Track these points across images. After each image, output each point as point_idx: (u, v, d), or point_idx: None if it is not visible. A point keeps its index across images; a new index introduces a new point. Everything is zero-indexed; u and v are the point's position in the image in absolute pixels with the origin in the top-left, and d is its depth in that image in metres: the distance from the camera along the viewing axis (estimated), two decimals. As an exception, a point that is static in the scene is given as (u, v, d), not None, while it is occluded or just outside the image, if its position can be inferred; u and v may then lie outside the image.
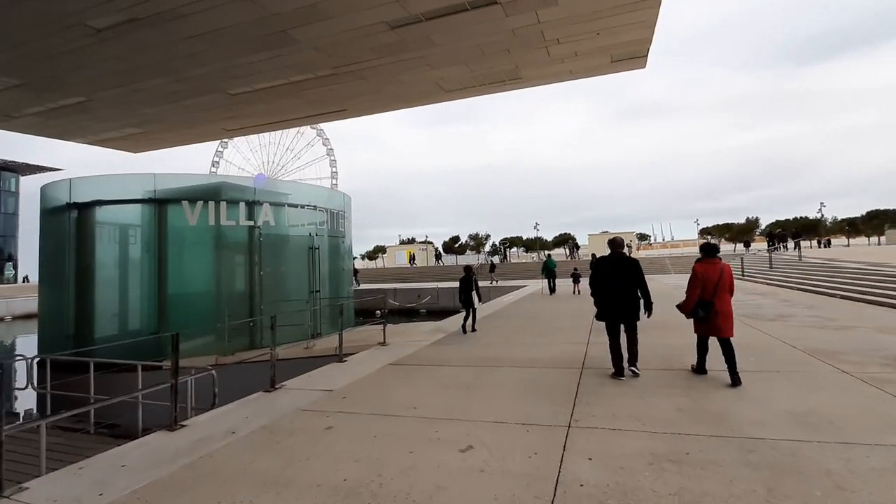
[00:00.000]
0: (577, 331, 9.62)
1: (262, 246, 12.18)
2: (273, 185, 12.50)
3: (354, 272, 37.47)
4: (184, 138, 20.73)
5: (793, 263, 20.52)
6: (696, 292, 5.80)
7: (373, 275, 42.37)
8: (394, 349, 8.45)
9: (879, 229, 38.95)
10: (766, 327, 9.09)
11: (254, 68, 15.87)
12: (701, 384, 5.63)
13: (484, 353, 7.98)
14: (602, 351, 7.66)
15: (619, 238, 6.86)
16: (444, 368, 6.93)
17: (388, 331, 9.73)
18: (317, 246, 13.76)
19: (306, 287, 13.32)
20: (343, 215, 15.63)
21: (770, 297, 13.87)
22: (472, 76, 17.85)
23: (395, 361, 7.48)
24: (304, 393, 5.96)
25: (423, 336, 9.61)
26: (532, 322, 11.29)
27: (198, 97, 17.64)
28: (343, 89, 17.83)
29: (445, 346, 8.61)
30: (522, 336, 9.34)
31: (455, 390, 5.79)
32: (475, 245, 57.67)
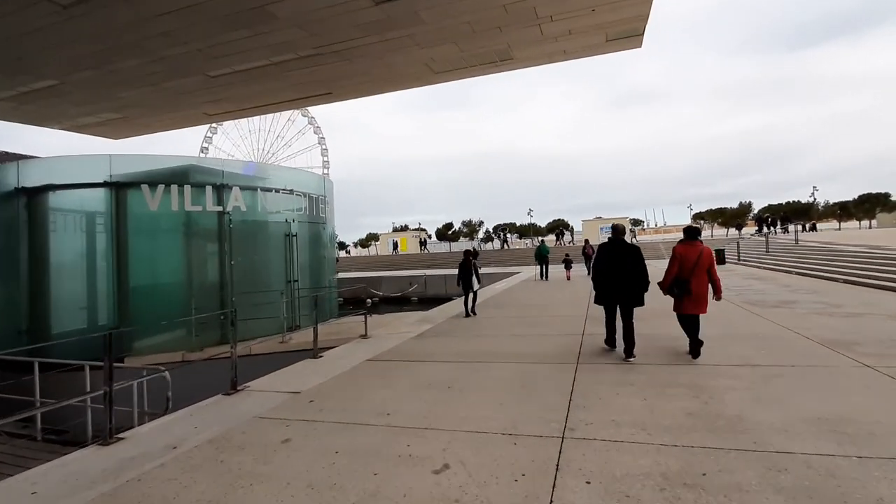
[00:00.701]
0: (572, 320, 8.93)
1: (232, 233, 11.11)
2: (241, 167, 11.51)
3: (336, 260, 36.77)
4: (165, 123, 19.76)
5: (789, 247, 19.90)
6: (673, 271, 5.97)
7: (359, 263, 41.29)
8: (375, 343, 7.73)
9: (871, 213, 38.45)
10: (771, 315, 8.43)
11: (233, 48, 14.90)
12: (709, 381, 4.94)
13: (471, 346, 7.28)
14: (598, 341, 7.00)
15: (621, 225, 6.72)
16: (426, 365, 6.22)
17: (373, 322, 9.02)
18: (294, 233, 12.69)
19: (283, 277, 12.31)
20: (324, 200, 14.59)
21: (770, 282, 13.26)
22: (463, 56, 16.93)
23: (374, 357, 6.76)
24: (268, 396, 5.23)
25: (408, 327, 8.90)
26: (524, 311, 10.63)
27: (177, 79, 16.66)
28: (328, 71, 16.88)
29: (431, 339, 7.90)
30: (513, 327, 8.66)
31: (436, 391, 5.08)
32: (468, 232, 56.70)
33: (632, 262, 6.07)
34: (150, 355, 8.69)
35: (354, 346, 7.58)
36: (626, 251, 6.16)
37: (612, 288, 6.16)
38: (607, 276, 6.19)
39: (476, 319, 9.67)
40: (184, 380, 6.52)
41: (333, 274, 15.42)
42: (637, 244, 34.97)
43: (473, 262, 10.57)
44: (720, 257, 21.08)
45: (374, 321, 10.54)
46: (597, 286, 6.40)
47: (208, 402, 5.15)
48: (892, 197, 37.91)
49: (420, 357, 6.66)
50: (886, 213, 37.83)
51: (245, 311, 9.32)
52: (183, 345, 9.41)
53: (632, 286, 6.04)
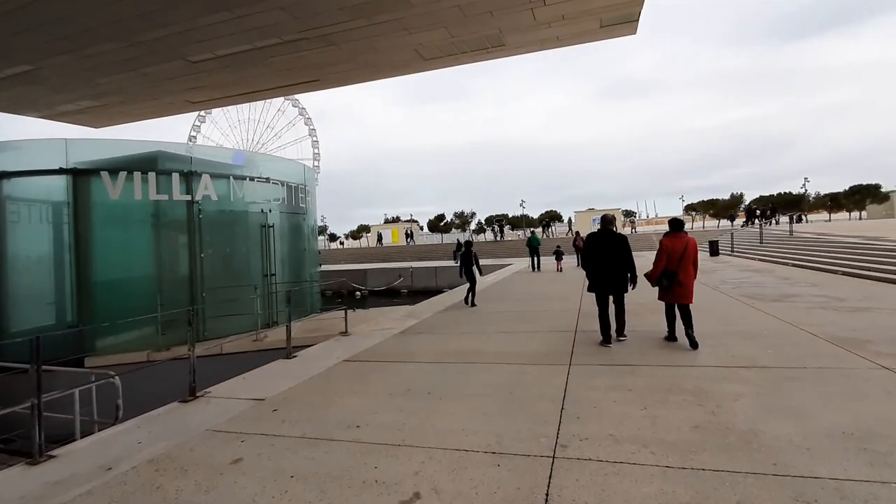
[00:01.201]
0: (564, 315, 8.41)
1: (201, 224, 10.18)
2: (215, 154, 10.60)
3: None
4: (147, 111, 18.96)
5: (784, 238, 19.49)
6: (661, 263, 6.05)
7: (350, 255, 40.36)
8: (354, 340, 7.17)
9: (861, 204, 38.19)
10: (772, 309, 7.94)
11: (214, 31, 14.14)
12: (715, 385, 4.43)
13: (457, 344, 6.74)
14: (592, 338, 6.48)
15: (611, 215, 6.88)
16: (406, 366, 5.67)
17: (356, 317, 8.46)
18: (271, 224, 11.77)
19: (258, 270, 11.37)
20: (304, 190, 13.67)
21: (767, 275, 12.80)
22: (453, 42, 16.24)
23: (351, 357, 6.20)
24: (228, 404, 4.67)
25: (392, 323, 8.34)
26: (514, 305, 10.13)
27: (157, 64, 15.87)
28: (314, 57, 16.15)
29: (415, 336, 7.35)
30: (503, 322, 8.13)
31: (414, 398, 4.54)
32: (460, 223, 55.83)
33: (619, 250, 6.20)
34: (114, 355, 8.08)
35: (332, 344, 7.01)
36: (614, 240, 6.27)
37: (603, 276, 6.28)
38: (597, 265, 6.34)
39: (464, 314, 9.15)
40: (146, 383, 5.94)
41: (316, 267, 14.71)
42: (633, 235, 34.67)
43: (474, 252, 10.75)
44: (713, 248, 20.67)
45: (358, 316, 10.00)
46: (588, 275, 6.53)
47: (161, 410, 4.58)
48: (883, 188, 37.71)
49: (401, 357, 6.11)
50: (877, 205, 37.63)
51: (217, 308, 8.69)
52: (149, 344, 8.67)
53: (620, 274, 6.19)
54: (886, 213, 36.78)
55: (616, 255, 6.19)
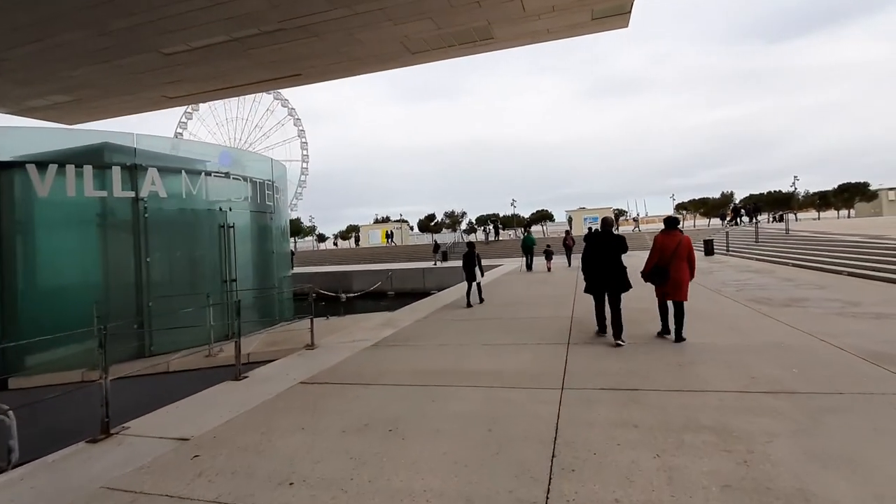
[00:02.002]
0: (555, 324, 7.49)
1: (147, 224, 8.79)
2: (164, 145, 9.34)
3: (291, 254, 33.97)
4: (124, 107, 17.86)
5: (779, 237, 18.69)
6: (653, 259, 6.02)
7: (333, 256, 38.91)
8: (318, 356, 6.21)
9: (849, 202, 37.59)
10: (784, 316, 7.05)
11: (187, 20, 13.10)
12: (740, 420, 3.53)
13: (433, 360, 5.80)
14: (587, 352, 5.57)
15: (609, 217, 6.90)
16: (371, 391, 4.73)
17: (329, 326, 7.51)
18: (231, 224, 10.30)
19: (216, 276, 9.90)
20: (273, 186, 12.23)
21: (768, 275, 11.94)
22: (440, 35, 15.28)
23: (310, 378, 5.24)
24: (144, 445, 3.71)
25: (365, 333, 7.39)
26: (500, 312, 9.17)
27: (129, 56, 14.79)
28: (295, 49, 15.13)
29: (387, 350, 6.40)
30: (487, 332, 7.20)
31: (371, 438, 3.60)
32: (451, 223, 54.56)
33: (617, 251, 6.09)
34: (44, 375, 7.01)
35: (292, 361, 6.05)
36: (612, 241, 6.15)
37: (600, 277, 6.18)
38: (595, 266, 6.24)
39: (446, 322, 8.22)
40: (72, 408, 4.96)
41: (287, 271, 13.42)
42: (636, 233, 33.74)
43: (476, 253, 10.66)
44: (708, 248, 19.88)
45: (331, 325, 9.04)
46: (586, 276, 6.41)
47: (60, 455, 3.62)
48: (871, 186, 37.16)
49: (367, 377, 5.16)
50: (865, 203, 37.07)
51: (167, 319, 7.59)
52: (85, 361, 7.39)
53: (617, 274, 6.07)
54: (874, 211, 36.24)
55: (614, 257, 6.10)
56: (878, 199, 36.32)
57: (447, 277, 21.41)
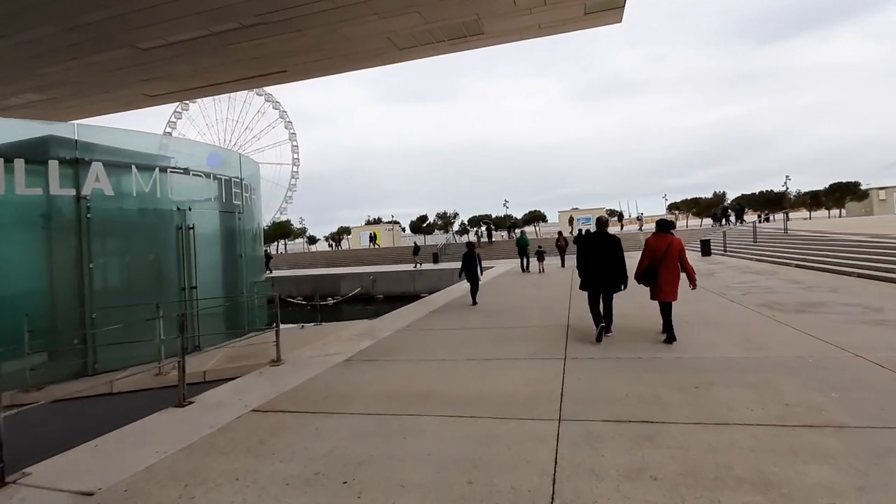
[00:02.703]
0: (550, 334, 6.65)
1: (91, 226, 7.60)
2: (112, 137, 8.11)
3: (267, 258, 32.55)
4: (101, 106, 16.93)
5: (778, 237, 17.97)
6: (644, 261, 6.01)
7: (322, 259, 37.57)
8: (281, 375, 5.36)
9: (840, 202, 37.09)
10: (801, 323, 6.26)
11: (160, 14, 12.22)
12: (783, 464, 2.73)
13: (411, 380, 4.95)
14: (588, 370, 4.75)
15: (605, 217, 6.80)
16: (331, 422, 3.90)
17: (303, 336, 6.67)
18: (191, 225, 9.07)
19: (173, 283, 8.72)
20: (243, 185, 10.94)
21: (772, 277, 11.10)
22: (428, 30, 14.47)
23: (264, 404, 4.39)
24: (40, 499, 2.86)
25: (340, 345, 6.54)
26: (489, 319, 8.25)
27: (103, 52, 13.89)
28: (278, 45, 14.28)
29: (361, 367, 5.55)
30: (475, 344, 6.32)
31: (317, 496, 2.77)
32: (443, 224, 53.50)
33: (611, 251, 6.11)
34: None
35: (251, 381, 5.20)
36: (608, 241, 6.15)
37: (595, 275, 6.16)
38: (590, 264, 6.21)
39: (429, 332, 7.34)
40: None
41: (259, 276, 12.18)
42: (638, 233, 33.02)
43: (477, 253, 10.60)
44: (705, 248, 19.15)
45: (305, 335, 8.20)
46: (581, 274, 6.37)
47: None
48: (863, 186, 36.74)
49: (332, 404, 4.32)
50: (856, 202, 36.61)
51: (113, 332, 6.59)
52: (16, 381, 6.31)
53: (611, 274, 6.07)
54: (865, 210, 35.80)
55: (608, 256, 6.09)
56: (869, 198, 35.94)
57: (438, 280, 20.54)
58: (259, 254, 12.40)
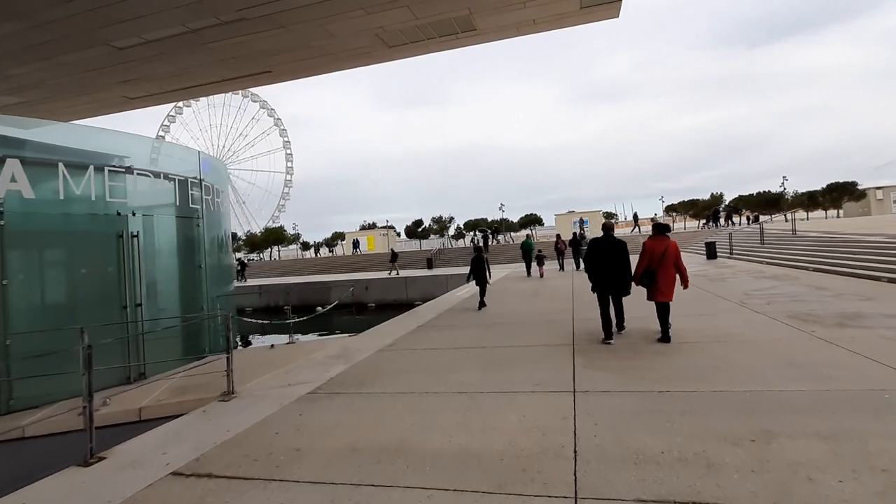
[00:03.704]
0: (554, 356, 5.46)
1: (6, 235, 6.23)
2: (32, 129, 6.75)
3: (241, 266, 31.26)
4: (79, 110, 15.81)
5: (786, 238, 16.82)
6: (643, 264, 6.02)
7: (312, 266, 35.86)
8: (230, 414, 4.24)
9: (838, 202, 36.02)
10: (850, 342, 5.04)
11: (133, 8, 11.15)
12: None
13: (383, 425, 3.80)
14: (611, 420, 3.62)
15: (610, 223, 6.82)
16: (269, 494, 2.80)
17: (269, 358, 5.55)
18: (135, 232, 7.61)
19: (113, 301, 7.20)
20: (203, 186, 9.31)
21: (793, 283, 9.86)
22: (418, 26, 13.43)
23: (191, 463, 3.24)
24: None
25: (307, 372, 5.40)
26: (484, 336, 6.91)
27: (76, 52, 12.82)
28: (261, 43, 13.22)
29: (326, 404, 4.40)
30: (465, 369, 5.15)
31: None
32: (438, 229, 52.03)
33: (618, 255, 6.12)
34: None
35: (187, 424, 4.07)
36: (614, 246, 6.17)
37: (604, 278, 6.18)
38: (599, 268, 6.23)
39: (413, 354, 6.19)
40: None
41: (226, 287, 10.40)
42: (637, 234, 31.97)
43: (485, 257, 10.61)
44: (710, 251, 18.00)
45: (273, 357, 7.06)
46: (591, 277, 6.37)
47: None
48: (860, 186, 35.69)
49: (273, 464, 3.21)
50: (854, 203, 35.57)
51: (35, 362, 5.40)
52: None
53: (619, 276, 6.10)
54: (863, 210, 34.79)
55: (616, 260, 6.11)
56: (867, 198, 34.94)
57: (432, 287, 19.39)
58: (226, 263, 10.99)
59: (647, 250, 5.98)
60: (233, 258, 11.08)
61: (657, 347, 5.47)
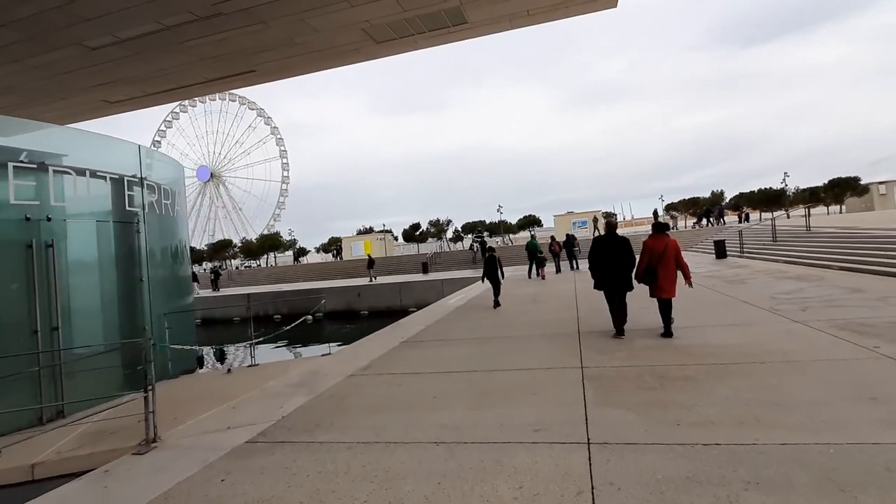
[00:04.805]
0: (558, 386, 4.18)
1: None
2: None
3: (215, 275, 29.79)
4: (59, 115, 14.74)
5: (800, 235, 15.47)
6: (644, 261, 5.98)
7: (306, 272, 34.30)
8: (138, 473, 3.10)
9: (840, 198, 34.56)
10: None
11: (102, 5, 10.12)
12: None
13: (326, 499, 2.72)
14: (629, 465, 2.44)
15: (613, 221, 6.85)
16: None
17: (222, 386, 4.41)
18: (49, 241, 6.19)
19: (22, 325, 5.84)
20: (145, 186, 7.81)
21: (820, 284, 8.51)
22: (407, 19, 12.30)
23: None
24: None
25: (257, 408, 4.23)
26: (474, 357, 5.65)
27: (46, 53, 11.75)
28: (242, 40, 12.11)
29: (260, 461, 3.18)
30: (443, 405, 3.96)
31: None
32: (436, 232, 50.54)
33: (621, 252, 6.06)
34: None
35: (72, 494, 2.95)
36: (617, 243, 6.10)
37: (608, 275, 6.10)
38: (603, 266, 6.16)
39: (392, 378, 5.06)
40: None
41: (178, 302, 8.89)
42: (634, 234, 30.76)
43: (497, 258, 10.61)
44: (720, 250, 16.68)
45: (227, 384, 5.89)
46: (594, 275, 6.30)
47: None
48: (862, 181, 34.25)
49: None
50: (856, 198, 34.13)
51: None
52: None
53: (623, 273, 6.03)
54: (866, 205, 33.34)
55: (619, 257, 6.05)
56: (869, 193, 33.51)
57: (427, 293, 18.11)
58: (180, 275, 9.43)
59: (648, 248, 5.95)
60: (188, 268, 9.70)
61: (686, 370, 4.29)
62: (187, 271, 9.28)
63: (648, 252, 5.92)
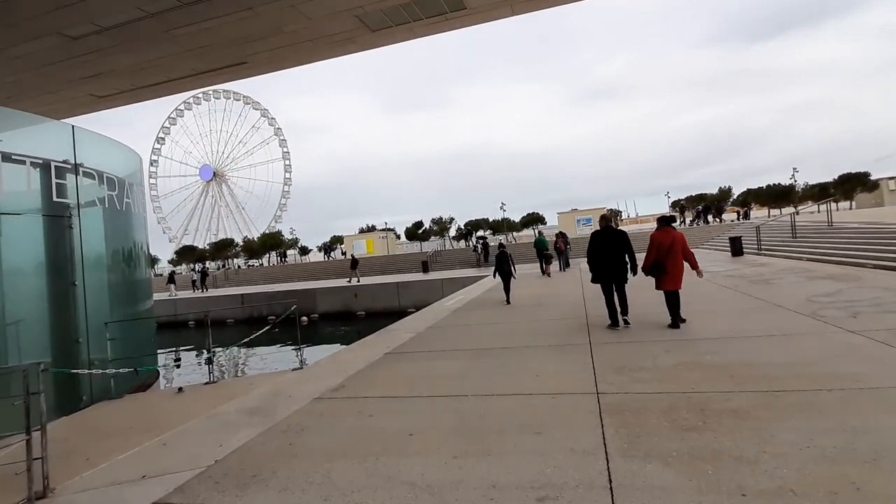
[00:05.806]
0: (568, 417, 3.22)
1: None
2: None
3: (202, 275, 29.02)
4: (48, 110, 13.84)
5: (822, 230, 14.26)
6: (651, 255, 5.93)
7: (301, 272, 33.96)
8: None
9: (850, 194, 32.95)
10: None
11: (75, -13, 9.29)
12: None
13: None
14: None
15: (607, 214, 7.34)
16: None
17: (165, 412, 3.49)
18: None
19: None
20: (80, 173, 6.60)
21: (859, 284, 7.43)
22: (402, 5, 11.19)
23: None
24: None
25: (192, 444, 3.25)
26: (464, 377, 4.48)
27: (25, 43, 10.89)
28: (230, 29, 11.17)
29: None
30: (419, 449, 2.92)
31: None
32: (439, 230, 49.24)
33: (619, 244, 6.01)
34: None
35: None
36: (613, 236, 6.09)
37: (605, 268, 6.05)
38: (600, 258, 6.08)
39: (372, 404, 4.07)
40: None
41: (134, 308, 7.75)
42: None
43: (509, 253, 10.60)
44: (736, 247, 15.33)
45: (176, 407, 4.92)
46: (592, 268, 6.21)
47: None
48: (872, 176, 32.62)
49: None
50: (867, 194, 32.53)
51: None
52: None
53: (621, 265, 6.00)
54: (876, 201, 31.77)
55: (616, 249, 5.98)
56: (879, 189, 31.94)
57: (425, 293, 17.05)
58: (135, 278, 8.15)
59: (655, 242, 5.91)
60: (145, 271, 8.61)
61: (733, 401, 3.26)
62: (144, 274, 8.22)
63: (655, 246, 5.88)
